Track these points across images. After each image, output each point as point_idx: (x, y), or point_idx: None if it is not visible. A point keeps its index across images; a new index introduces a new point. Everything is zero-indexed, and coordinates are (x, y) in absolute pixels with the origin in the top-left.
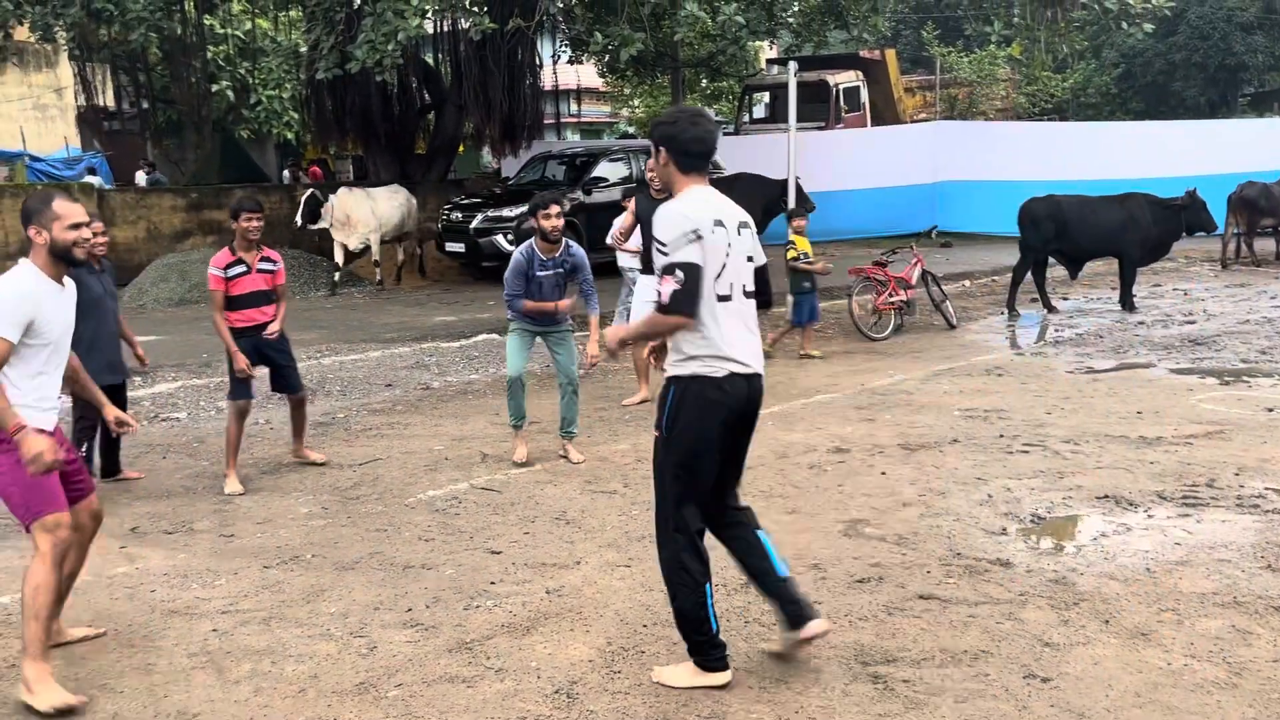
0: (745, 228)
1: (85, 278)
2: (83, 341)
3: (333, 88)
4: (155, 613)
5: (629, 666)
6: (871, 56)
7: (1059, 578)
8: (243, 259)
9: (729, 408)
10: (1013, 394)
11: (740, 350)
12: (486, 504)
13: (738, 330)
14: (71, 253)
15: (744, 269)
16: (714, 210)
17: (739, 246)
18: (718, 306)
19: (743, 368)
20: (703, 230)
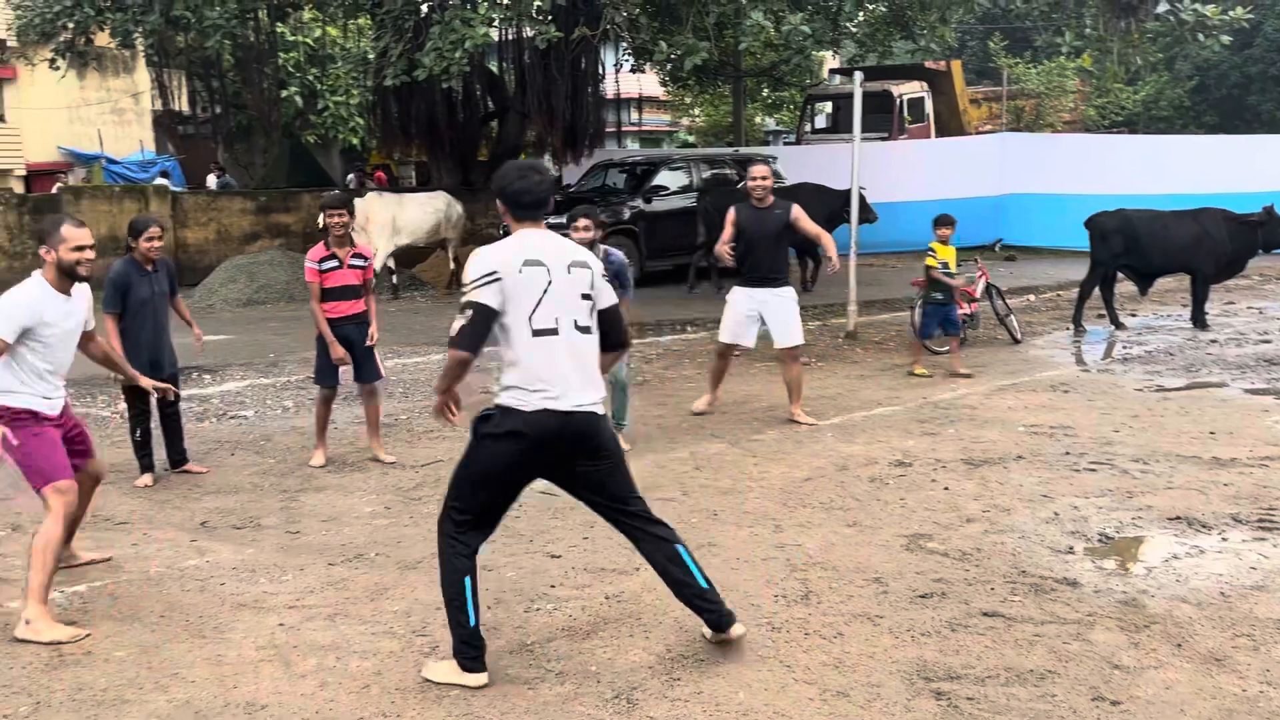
0: (580, 268)
1: (135, 280)
2: (129, 338)
3: (399, 94)
4: (225, 605)
5: (689, 674)
6: (937, 67)
7: (1129, 599)
8: (335, 254)
9: (531, 440)
10: (1079, 411)
11: (558, 384)
12: (545, 508)
13: (561, 365)
14: (75, 271)
15: (576, 305)
16: (528, 251)
17: (567, 284)
18: (534, 341)
19: (554, 402)
20: (503, 272)
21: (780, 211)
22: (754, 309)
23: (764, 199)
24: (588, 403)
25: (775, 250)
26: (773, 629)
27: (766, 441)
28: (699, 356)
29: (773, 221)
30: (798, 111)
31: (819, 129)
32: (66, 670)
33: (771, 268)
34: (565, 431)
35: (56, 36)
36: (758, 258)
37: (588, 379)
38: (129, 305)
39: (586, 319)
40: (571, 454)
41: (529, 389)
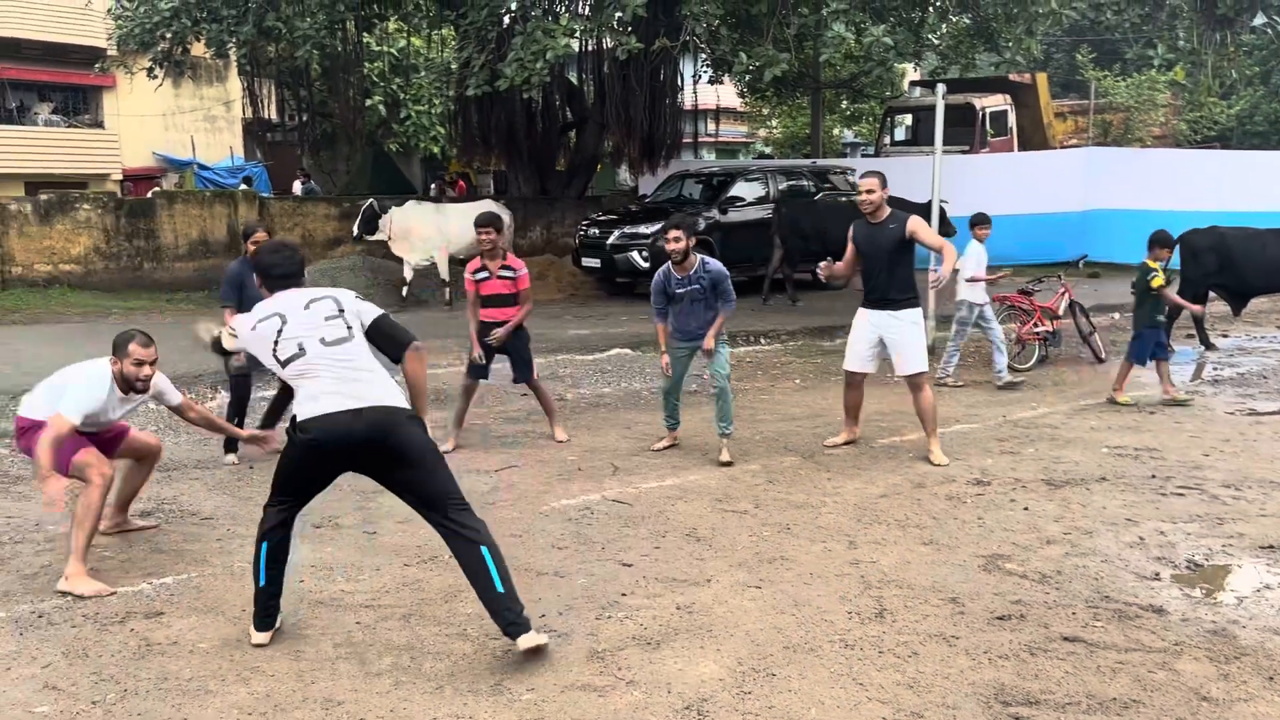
0: (316, 302)
1: (247, 278)
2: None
3: (479, 104)
4: (304, 602)
5: (760, 688)
6: (1021, 80)
7: (1218, 629)
8: (486, 266)
9: (319, 443)
10: (1166, 433)
11: (330, 396)
12: (618, 516)
13: (325, 379)
14: (134, 384)
15: (314, 328)
16: (263, 311)
17: (302, 319)
18: (287, 370)
19: (343, 404)
20: (241, 332)
21: (895, 225)
22: (874, 333)
23: (876, 213)
24: (377, 400)
25: (892, 268)
26: (846, 646)
27: (841, 456)
28: (772, 369)
29: (886, 236)
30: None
31: (898, 141)
32: (153, 660)
33: (890, 287)
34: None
35: (155, 46)
36: (874, 277)
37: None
38: (243, 300)
39: (334, 333)
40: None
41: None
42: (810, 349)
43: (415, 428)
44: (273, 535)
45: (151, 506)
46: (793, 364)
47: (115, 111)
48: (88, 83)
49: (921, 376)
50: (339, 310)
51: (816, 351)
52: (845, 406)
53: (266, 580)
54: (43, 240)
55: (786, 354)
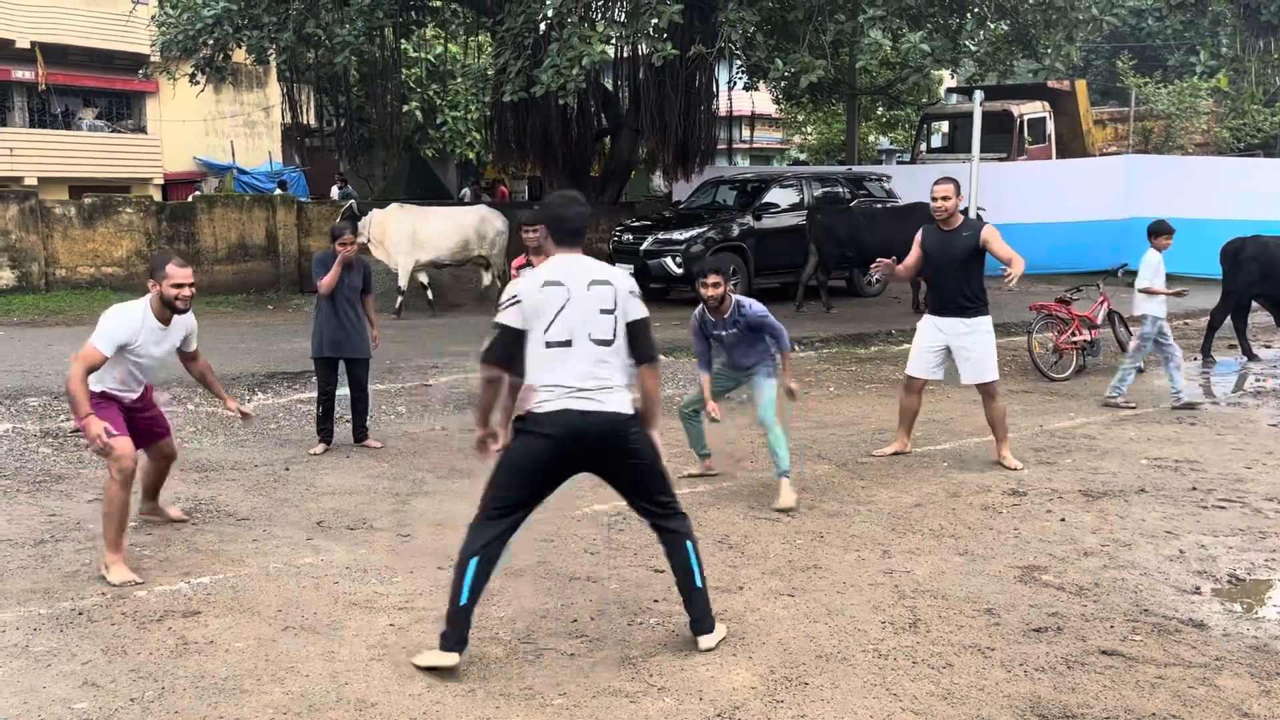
0: (598, 284)
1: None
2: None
3: (515, 110)
4: (338, 604)
5: (792, 696)
6: (1060, 87)
7: (1260, 645)
8: (531, 262)
9: (554, 439)
10: (1207, 445)
11: (576, 388)
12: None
13: (576, 372)
14: (174, 304)
15: (592, 319)
16: (550, 274)
17: (585, 300)
18: (549, 352)
19: (582, 404)
20: (523, 295)
21: (969, 234)
22: (941, 340)
23: (949, 220)
24: (611, 405)
25: (964, 276)
26: (879, 656)
27: (875, 464)
28: (806, 376)
29: (960, 245)
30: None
31: (935, 148)
32: (190, 659)
33: (961, 295)
34: (592, 429)
35: (197, 53)
36: (945, 284)
37: (606, 385)
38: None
39: (607, 332)
40: (601, 449)
41: (548, 392)
42: (844, 356)
43: (642, 433)
44: (488, 550)
45: (190, 506)
46: (827, 371)
47: (157, 116)
48: (131, 88)
49: (994, 385)
50: (613, 304)
51: (850, 359)
52: (901, 413)
53: (469, 599)
54: (86, 243)
55: (820, 361)
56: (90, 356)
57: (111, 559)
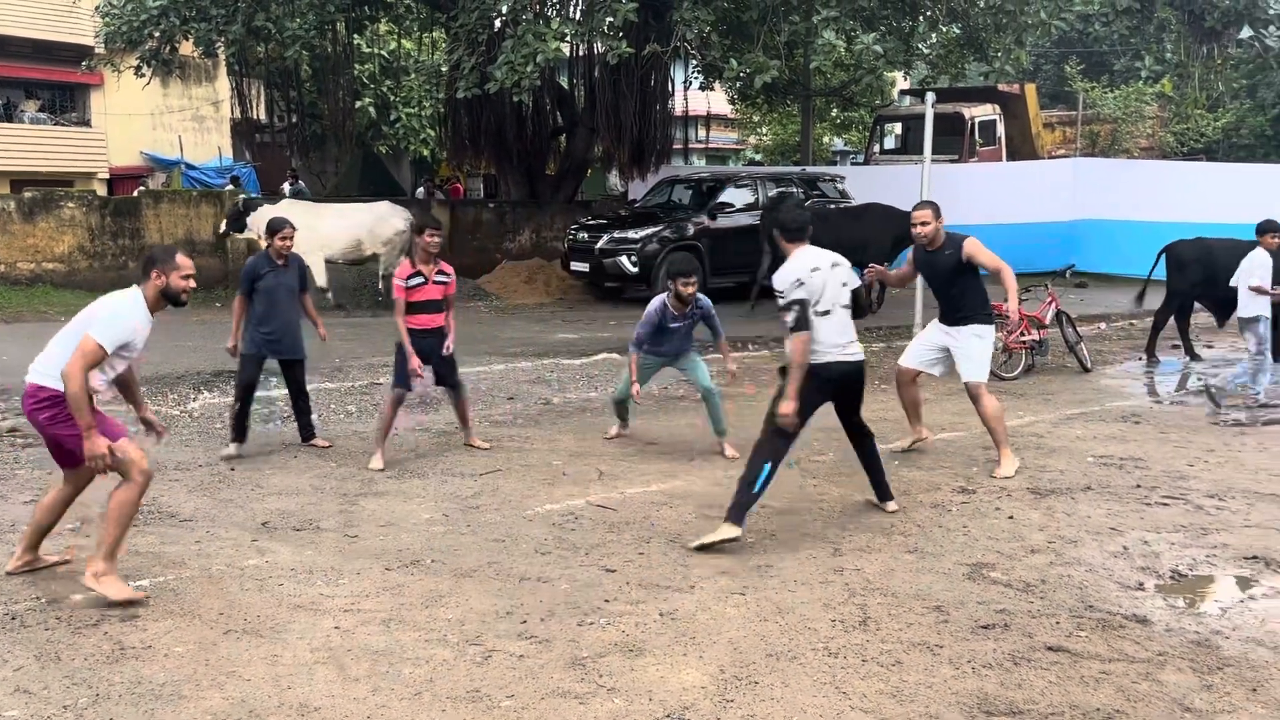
0: (837, 266)
1: (263, 269)
2: (251, 319)
3: (470, 107)
4: (282, 606)
5: (742, 696)
6: (1010, 90)
7: (1201, 640)
8: (421, 271)
9: (826, 379)
10: (1151, 443)
11: (838, 345)
12: (602, 521)
13: (835, 333)
14: (179, 297)
15: (839, 293)
16: (811, 263)
17: (833, 279)
18: (819, 320)
19: (841, 356)
20: (804, 278)
21: (951, 251)
22: (942, 340)
23: (932, 242)
24: (859, 355)
25: (959, 290)
26: (829, 654)
27: (826, 463)
28: (760, 375)
29: (944, 263)
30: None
31: (888, 150)
32: (126, 664)
33: (960, 307)
34: (852, 372)
35: (143, 45)
36: (943, 299)
37: (854, 339)
38: (256, 291)
39: (848, 300)
40: (853, 387)
41: (821, 350)
42: None
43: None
44: (778, 459)
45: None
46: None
47: (102, 110)
48: (75, 81)
49: (980, 386)
50: (847, 280)
51: None
52: (903, 406)
53: (759, 490)
54: (26, 238)
55: (774, 360)
56: (93, 353)
57: (108, 568)
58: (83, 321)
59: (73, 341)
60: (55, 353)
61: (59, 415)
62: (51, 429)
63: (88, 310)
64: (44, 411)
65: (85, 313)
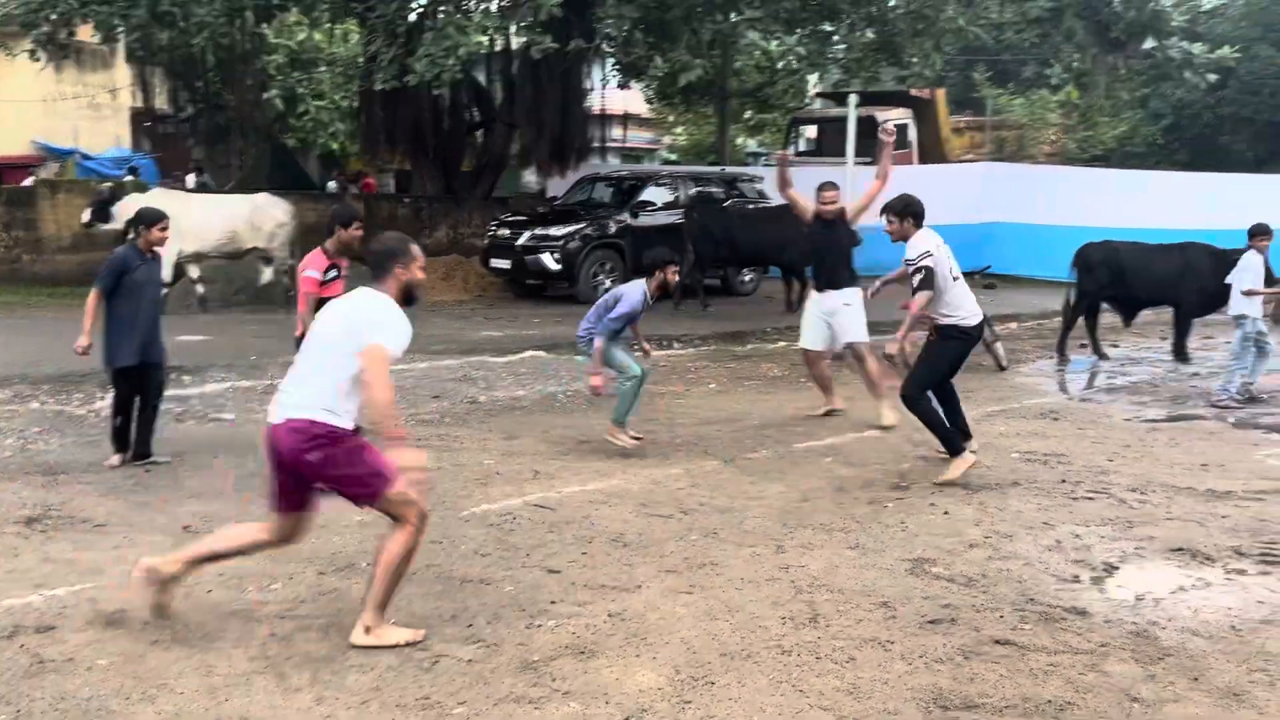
0: (943, 245)
1: (134, 263)
2: (121, 320)
3: (385, 101)
4: (212, 614)
5: (700, 697)
6: (921, 95)
7: (1140, 630)
8: (336, 264)
9: (973, 340)
10: (1070, 439)
11: (971, 306)
12: (541, 521)
13: (972, 297)
14: (414, 292)
15: (952, 263)
16: (935, 240)
17: (948, 255)
18: (955, 284)
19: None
20: (933, 250)
21: (845, 229)
22: (820, 314)
23: (830, 216)
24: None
25: (836, 259)
26: (783, 652)
27: (761, 460)
28: (687, 373)
29: (839, 236)
30: (779, 134)
31: (802, 152)
32: (47, 678)
33: (836, 274)
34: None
35: (38, 27)
36: (822, 268)
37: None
38: (122, 287)
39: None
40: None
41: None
42: (723, 354)
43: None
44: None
45: (39, 513)
46: (707, 368)
47: None
48: None
49: (862, 346)
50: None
51: (729, 356)
52: (816, 382)
53: (950, 421)
54: None
55: (700, 358)
56: (389, 360)
57: (378, 622)
58: (341, 338)
59: (339, 363)
60: (320, 382)
61: (334, 456)
62: (322, 470)
63: (339, 326)
64: (316, 451)
65: (338, 329)
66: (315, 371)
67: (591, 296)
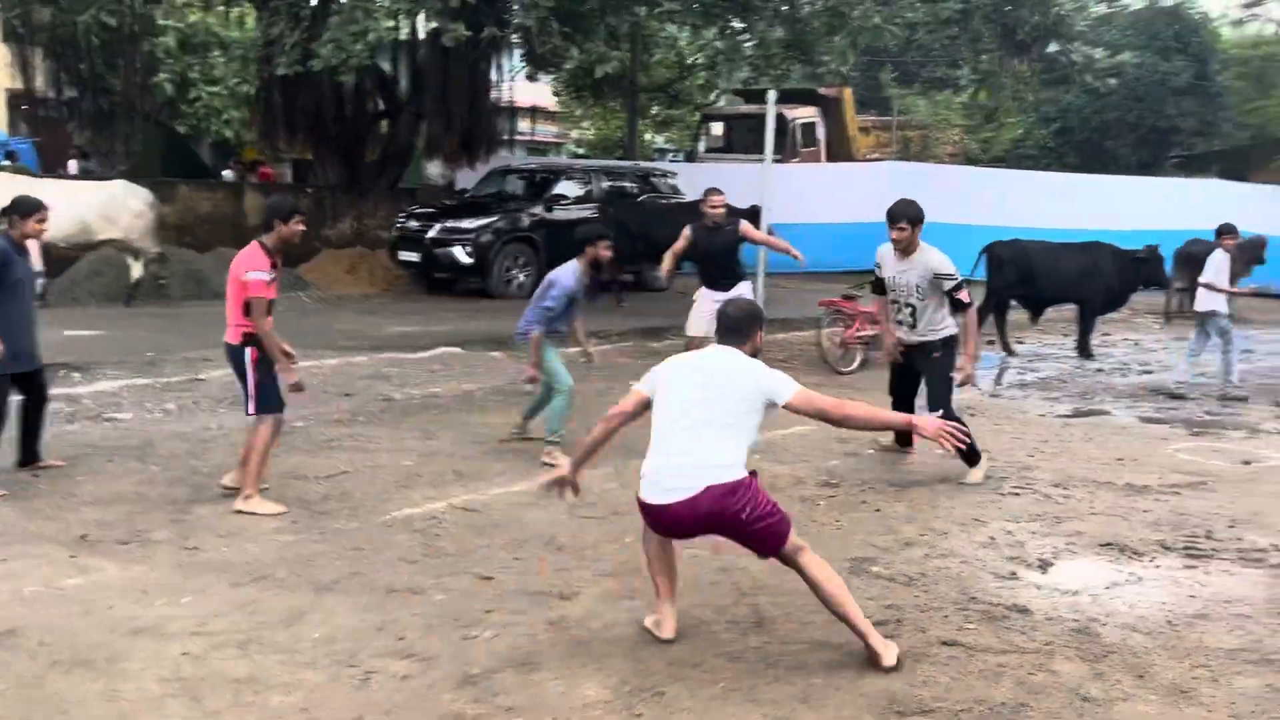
0: None
1: (13, 259)
2: (7, 320)
3: (285, 88)
4: (116, 632)
5: (650, 709)
6: (829, 94)
7: (1080, 627)
8: (275, 263)
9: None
10: (988, 435)
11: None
12: (468, 525)
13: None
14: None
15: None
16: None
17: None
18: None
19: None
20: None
21: (730, 229)
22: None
23: (717, 221)
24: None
25: (728, 261)
26: (731, 659)
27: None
28: (605, 369)
29: (725, 239)
30: (686, 130)
31: (712, 149)
32: None
33: (729, 274)
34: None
35: None
36: (712, 270)
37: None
38: (6, 284)
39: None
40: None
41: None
42: (639, 349)
43: None
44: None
45: None
46: (626, 365)
47: None
48: None
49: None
50: None
51: (646, 352)
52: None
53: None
54: None
55: (618, 354)
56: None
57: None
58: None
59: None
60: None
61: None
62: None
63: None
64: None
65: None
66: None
67: (504, 291)
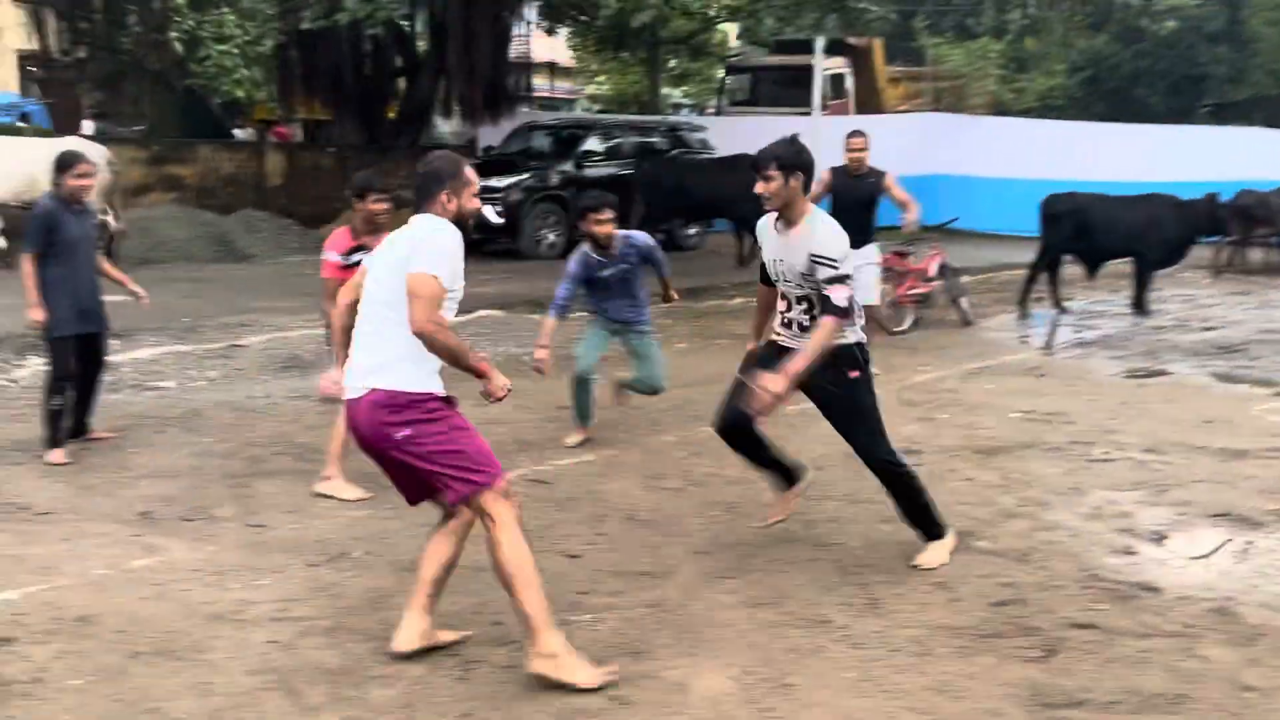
0: None
1: (64, 217)
2: (56, 284)
3: (303, 46)
4: (194, 618)
5: (780, 703)
6: (858, 44)
7: (1218, 607)
8: (365, 244)
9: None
10: (1063, 396)
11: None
12: (543, 498)
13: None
14: (468, 221)
15: None
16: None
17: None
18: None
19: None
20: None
21: (873, 180)
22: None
23: (859, 168)
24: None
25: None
26: (853, 645)
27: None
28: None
29: (865, 189)
30: (705, 84)
31: (737, 101)
32: (12, 704)
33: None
34: None
35: None
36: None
37: None
38: (56, 246)
39: None
40: None
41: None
42: (682, 310)
43: None
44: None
45: None
46: (672, 326)
47: None
48: None
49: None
50: None
51: (689, 313)
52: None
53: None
54: None
55: (662, 315)
56: (437, 295)
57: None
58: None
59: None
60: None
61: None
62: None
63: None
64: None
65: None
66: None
67: (535, 251)
